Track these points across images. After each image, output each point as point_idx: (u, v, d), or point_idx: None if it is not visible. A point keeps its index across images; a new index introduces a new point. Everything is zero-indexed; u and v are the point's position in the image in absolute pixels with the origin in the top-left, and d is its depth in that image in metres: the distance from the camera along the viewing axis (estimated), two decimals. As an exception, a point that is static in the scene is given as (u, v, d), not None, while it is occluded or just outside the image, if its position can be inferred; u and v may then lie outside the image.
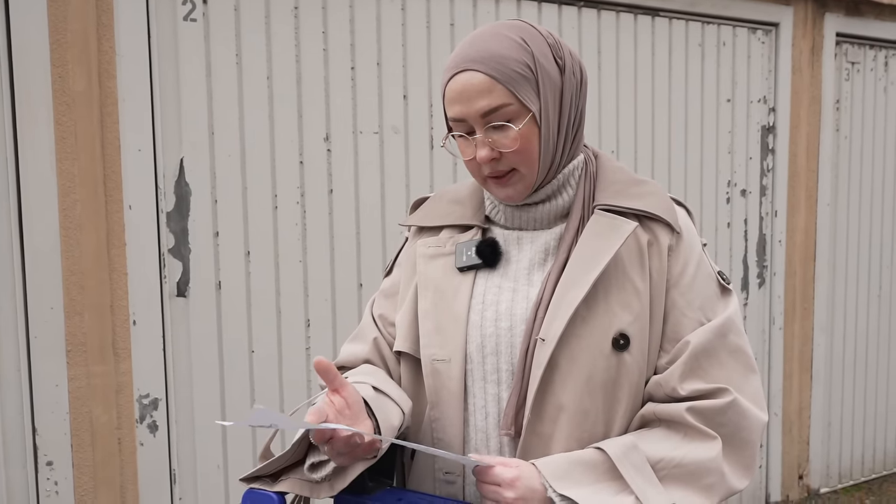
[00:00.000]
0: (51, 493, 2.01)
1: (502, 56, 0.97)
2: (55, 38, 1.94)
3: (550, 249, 1.04)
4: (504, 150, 0.98)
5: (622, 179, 1.06)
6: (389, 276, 1.17)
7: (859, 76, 3.54)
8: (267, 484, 1.01)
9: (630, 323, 0.98)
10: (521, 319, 1.01)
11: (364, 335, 1.14)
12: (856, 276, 3.61)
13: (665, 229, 1.02)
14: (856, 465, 3.73)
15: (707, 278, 1.04)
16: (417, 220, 1.14)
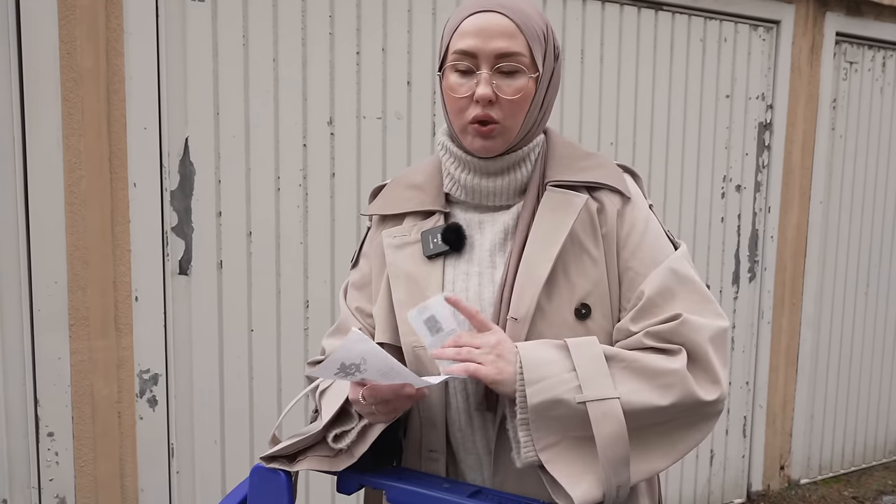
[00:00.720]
0: (51, 463, 2.04)
1: (527, 12, 1.02)
2: (64, 14, 1.94)
3: (509, 230, 1.07)
4: (504, 97, 1.00)
5: (571, 154, 1.10)
6: (357, 268, 1.19)
7: (857, 76, 3.55)
8: (284, 464, 1.04)
9: (589, 292, 1.02)
10: (489, 303, 1.05)
11: (345, 328, 1.16)
12: (844, 274, 3.65)
13: (614, 196, 1.06)
14: (836, 457, 3.79)
15: (656, 236, 1.07)
16: (378, 209, 1.16)
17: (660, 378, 0.96)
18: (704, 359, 0.99)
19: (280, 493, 1.06)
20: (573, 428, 0.94)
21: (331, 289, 2.41)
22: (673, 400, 0.96)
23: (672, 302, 1.01)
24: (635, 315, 1.02)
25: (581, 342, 0.98)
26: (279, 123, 2.27)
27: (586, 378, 0.94)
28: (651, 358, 0.97)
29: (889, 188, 3.75)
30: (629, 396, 0.94)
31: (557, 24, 2.70)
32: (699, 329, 0.99)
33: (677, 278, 1.03)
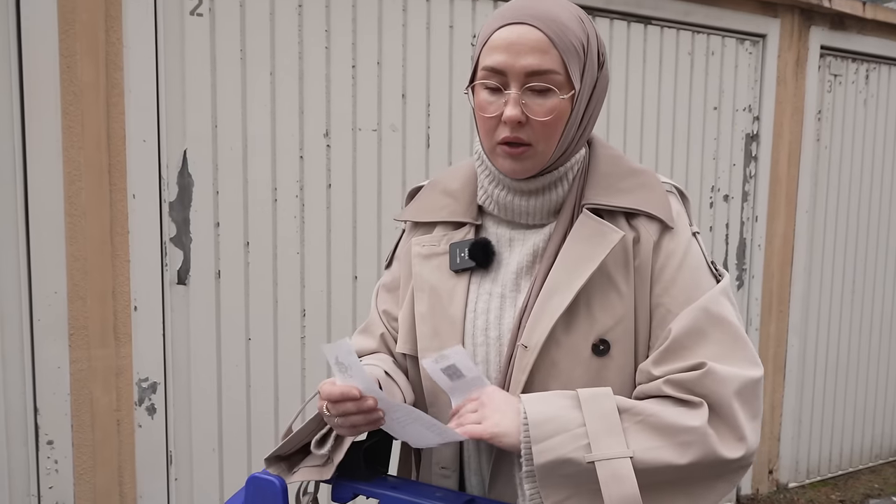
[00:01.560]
0: (51, 471, 2.03)
1: (563, 23, 0.93)
2: (64, 28, 1.95)
3: (538, 252, 1.01)
4: (534, 118, 0.93)
5: (613, 172, 1.01)
6: (390, 270, 1.17)
7: (841, 88, 3.59)
8: (284, 472, 1.04)
9: (611, 328, 0.96)
10: (507, 328, 1.00)
11: (372, 330, 1.15)
12: (830, 282, 3.68)
13: (653, 223, 0.98)
14: (823, 461, 3.82)
15: (694, 270, 0.97)
16: (411, 216, 1.12)
17: (678, 435, 0.88)
18: (728, 414, 0.90)
19: (274, 501, 1.07)
20: (583, 484, 0.88)
21: (327, 298, 2.42)
22: (692, 459, 0.88)
23: (702, 344, 0.93)
24: (658, 357, 0.94)
25: (593, 394, 0.91)
26: (276, 136, 2.29)
27: (596, 435, 0.87)
28: (669, 412, 0.90)
29: (873, 198, 3.79)
30: (643, 455, 0.87)
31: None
32: (725, 381, 0.90)
33: (709, 318, 0.94)
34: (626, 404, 0.91)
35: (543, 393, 0.94)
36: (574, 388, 0.95)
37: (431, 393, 1.05)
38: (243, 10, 2.20)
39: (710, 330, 0.94)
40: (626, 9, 2.87)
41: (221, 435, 2.28)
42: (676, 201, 1.02)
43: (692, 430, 0.89)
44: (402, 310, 1.10)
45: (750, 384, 0.92)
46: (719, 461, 0.90)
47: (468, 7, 2.56)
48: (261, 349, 2.32)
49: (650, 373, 0.95)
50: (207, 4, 2.15)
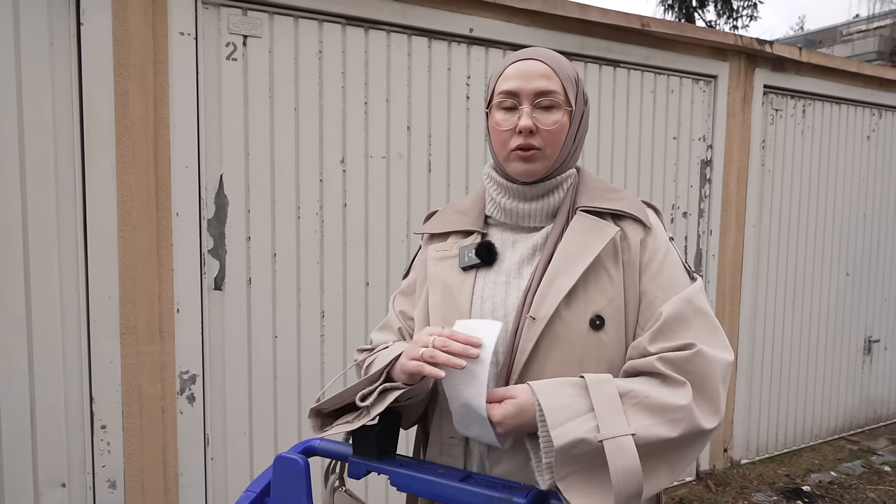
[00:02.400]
0: (104, 452, 2.02)
1: (561, 61, 1.05)
2: (119, 72, 1.96)
3: (538, 247, 1.05)
4: (543, 127, 1.01)
5: (600, 187, 1.09)
6: (407, 278, 1.19)
7: (782, 121, 3.62)
8: (317, 428, 1.04)
9: (605, 306, 0.99)
10: (513, 307, 1.02)
11: (391, 326, 1.17)
12: (775, 287, 3.69)
13: (636, 226, 1.04)
14: (771, 441, 3.81)
15: (675, 266, 1.04)
16: (429, 229, 1.16)
17: (669, 413, 0.92)
18: (712, 392, 0.95)
19: (298, 478, 1.05)
20: (589, 460, 0.90)
21: (343, 301, 2.42)
22: (681, 432, 0.92)
23: (686, 329, 0.97)
24: (653, 335, 0.98)
25: (598, 380, 0.94)
26: (299, 162, 2.30)
27: (603, 417, 0.89)
28: (659, 393, 0.93)
29: (811, 214, 3.81)
30: (642, 432, 0.90)
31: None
32: (711, 362, 0.95)
33: (692, 308, 0.99)
34: (624, 388, 0.94)
35: (554, 381, 0.95)
36: (573, 357, 0.98)
37: None
38: (272, 56, 2.22)
39: (693, 318, 0.98)
40: (598, 53, 2.89)
41: (251, 420, 2.28)
42: (653, 213, 1.09)
43: (681, 409, 0.92)
44: (417, 307, 1.12)
45: (728, 366, 0.98)
46: (700, 431, 0.94)
47: (463, 52, 2.59)
48: (286, 346, 2.32)
49: (645, 348, 0.98)
50: (241, 51, 2.17)
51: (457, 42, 2.56)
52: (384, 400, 0.99)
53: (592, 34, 2.85)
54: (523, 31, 2.66)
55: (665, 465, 0.94)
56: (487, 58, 2.64)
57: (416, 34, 2.47)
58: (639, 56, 3.00)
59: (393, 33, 2.43)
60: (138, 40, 1.98)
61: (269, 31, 2.20)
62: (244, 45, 2.17)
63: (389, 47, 2.42)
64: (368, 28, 2.38)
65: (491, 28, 2.59)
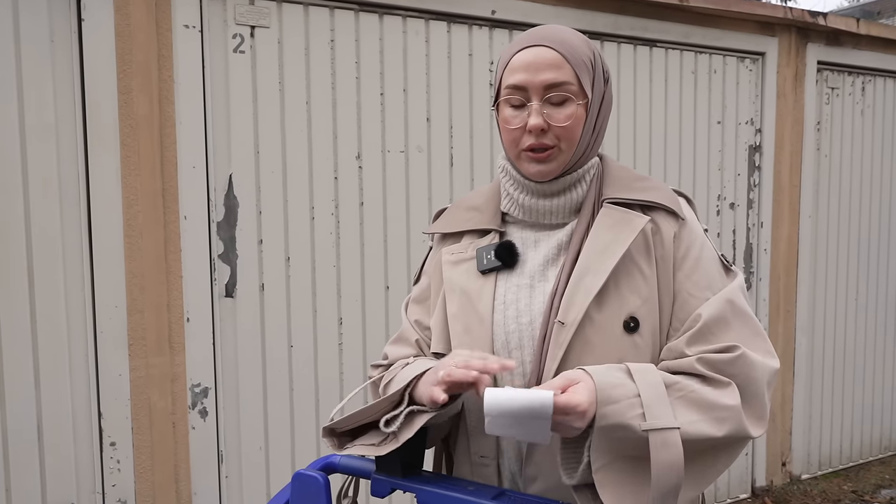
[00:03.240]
0: (113, 470, 2.04)
1: (572, 43, 0.98)
2: (122, 68, 1.98)
3: (563, 245, 1.01)
4: (555, 124, 0.96)
5: (627, 176, 1.05)
6: (418, 284, 1.16)
7: (838, 100, 3.50)
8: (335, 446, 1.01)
9: (639, 306, 0.96)
10: (539, 312, 0.99)
11: (407, 338, 1.13)
12: (835, 282, 3.57)
13: (668, 218, 1.00)
14: (834, 454, 3.68)
15: (710, 260, 1.00)
16: (440, 228, 1.12)
17: (716, 411, 0.90)
18: (757, 397, 0.93)
19: (318, 496, 1.04)
20: (626, 450, 0.88)
21: (361, 307, 2.40)
22: (726, 432, 0.90)
23: (727, 332, 0.94)
24: (691, 338, 0.95)
25: (641, 368, 0.91)
26: (312, 159, 2.29)
27: (650, 405, 0.87)
28: (706, 390, 0.91)
29: (873, 201, 3.68)
30: (688, 427, 0.87)
31: (561, 63, 2.70)
32: (756, 366, 0.93)
33: (733, 310, 0.96)
34: (670, 379, 0.91)
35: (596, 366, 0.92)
36: (609, 363, 0.94)
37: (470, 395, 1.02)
38: (281, 47, 2.21)
39: (734, 321, 0.96)
40: (633, 33, 2.83)
41: (267, 435, 2.27)
42: (685, 203, 1.05)
43: (729, 408, 0.90)
44: (434, 315, 1.09)
45: (775, 374, 0.96)
46: (744, 437, 0.92)
47: (486, 36, 2.55)
48: (302, 355, 2.31)
49: (682, 351, 0.95)
50: (249, 42, 2.17)
51: (478, 25, 2.53)
52: (412, 424, 0.96)
53: (626, 12, 2.79)
54: (550, 12, 2.61)
55: (702, 468, 0.92)
56: (511, 40, 2.59)
57: (434, 18, 2.44)
58: (677, 34, 2.93)
59: (409, 18, 2.41)
60: (141, 35, 1.99)
61: (277, 21, 2.20)
62: (252, 37, 2.17)
63: (406, 33, 2.40)
64: (383, 14, 2.36)
65: (515, 9, 2.55)
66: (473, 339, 1.01)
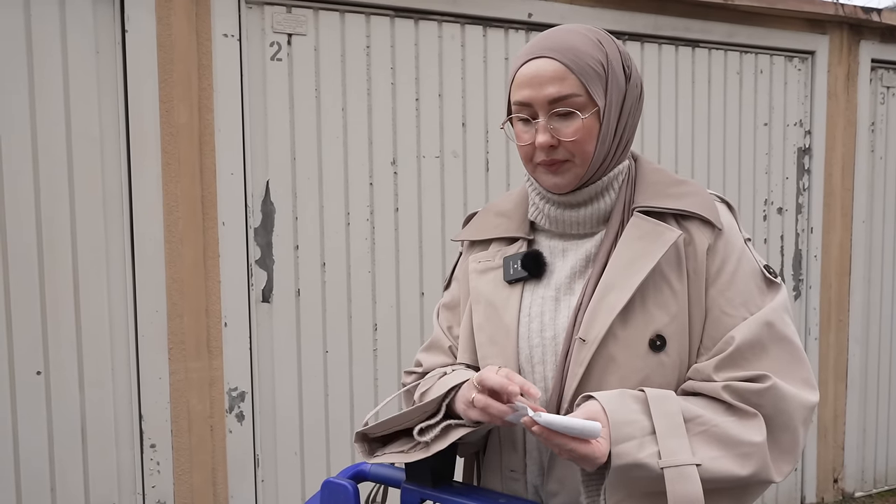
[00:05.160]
0: (153, 472, 2.08)
1: (578, 49, 0.93)
2: (163, 78, 2.02)
3: (591, 256, 0.98)
4: (564, 139, 0.93)
5: (661, 181, 0.99)
6: (449, 290, 1.15)
7: (894, 100, 3.34)
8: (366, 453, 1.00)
9: (667, 324, 0.91)
10: (563, 328, 0.96)
11: (440, 345, 1.12)
12: (891, 290, 3.41)
13: (704, 227, 0.94)
14: (891, 470, 3.50)
15: (749, 274, 0.94)
16: (468, 235, 1.10)
17: (739, 447, 0.85)
18: (789, 433, 0.87)
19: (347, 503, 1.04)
20: (644, 486, 0.84)
21: (396, 313, 2.40)
22: (751, 471, 0.85)
23: (762, 358, 0.88)
24: (720, 363, 0.89)
25: (659, 396, 0.87)
26: (348, 165, 2.30)
27: (665, 441, 0.83)
28: (730, 423, 0.86)
29: (933, 206, 3.49)
30: (709, 464, 0.83)
31: (599, 65, 2.65)
32: (788, 399, 0.87)
33: (772, 334, 0.90)
34: (691, 412, 0.86)
35: (612, 392, 0.88)
36: (631, 383, 0.90)
37: None
38: (317, 54, 2.23)
39: (772, 346, 0.90)
40: (675, 33, 2.76)
41: (303, 439, 2.28)
42: (725, 209, 0.99)
43: (754, 444, 0.85)
44: (462, 324, 1.07)
45: (811, 409, 0.90)
46: (768, 481, 0.87)
47: (522, 39, 2.52)
48: (337, 360, 2.32)
49: (710, 376, 0.90)
50: (286, 50, 2.19)
51: (514, 29, 2.50)
52: (446, 437, 0.94)
53: (667, 12, 2.72)
54: (588, 13, 2.57)
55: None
56: (549, 44, 2.56)
57: (469, 23, 2.43)
58: (721, 34, 2.84)
59: (445, 23, 2.40)
60: (182, 45, 2.04)
61: (314, 28, 2.22)
62: (289, 44, 2.19)
63: (441, 38, 2.40)
64: (419, 19, 2.36)
65: (552, 12, 2.51)
66: (499, 350, 0.99)
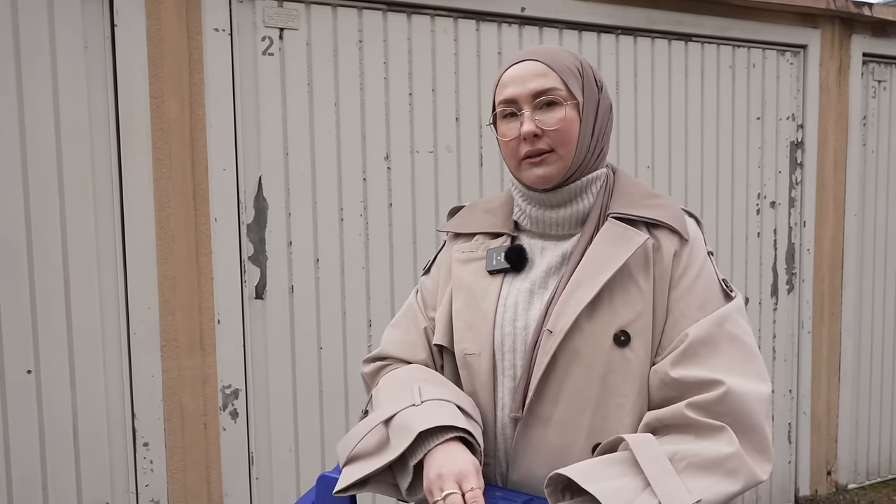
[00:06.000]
0: (147, 470, 2.06)
1: (558, 55, 1.03)
2: (153, 72, 2.01)
3: (567, 255, 1.03)
4: (547, 128, 0.99)
5: (637, 192, 1.05)
6: (428, 275, 1.19)
7: (886, 93, 3.36)
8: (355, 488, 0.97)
9: (632, 321, 0.96)
10: (533, 319, 1.01)
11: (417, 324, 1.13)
12: (883, 283, 3.43)
13: (672, 236, 1.00)
14: (883, 462, 3.53)
15: (709, 283, 1.00)
16: (454, 227, 1.16)
17: (723, 465, 0.87)
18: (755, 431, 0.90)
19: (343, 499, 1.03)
20: None
21: (391, 309, 2.39)
22: (742, 483, 0.87)
23: (714, 355, 0.93)
24: (675, 358, 0.94)
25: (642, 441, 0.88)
26: (341, 160, 2.29)
27: (662, 486, 0.83)
28: (705, 447, 0.88)
29: (924, 199, 3.51)
30: (706, 494, 0.84)
31: (592, 58, 2.65)
32: (745, 399, 0.90)
33: (723, 332, 0.95)
34: (670, 451, 0.88)
35: (591, 462, 0.88)
36: (595, 375, 0.95)
37: (468, 382, 1.05)
38: (309, 49, 2.22)
39: (724, 344, 0.95)
40: (668, 27, 2.76)
41: (297, 437, 2.27)
42: (693, 223, 1.05)
43: (732, 456, 0.88)
44: (439, 310, 1.11)
45: (766, 399, 0.93)
46: (757, 482, 0.89)
47: (515, 34, 2.52)
48: (331, 357, 2.31)
49: (666, 373, 0.95)
50: (277, 45, 2.18)
51: (507, 23, 2.49)
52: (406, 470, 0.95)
53: (660, 6, 2.72)
54: (581, 8, 2.56)
55: None
56: (542, 39, 2.56)
57: (462, 17, 2.42)
58: (713, 28, 2.85)
59: (438, 17, 2.39)
60: (172, 39, 2.02)
61: (306, 23, 2.20)
62: (280, 39, 2.18)
63: (434, 32, 2.39)
64: (411, 13, 2.35)
65: (545, 6, 2.51)
66: (475, 335, 1.04)
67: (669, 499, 0.82)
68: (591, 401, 0.96)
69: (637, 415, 0.96)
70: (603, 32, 2.67)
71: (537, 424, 0.98)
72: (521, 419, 0.99)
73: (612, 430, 0.95)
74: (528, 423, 0.98)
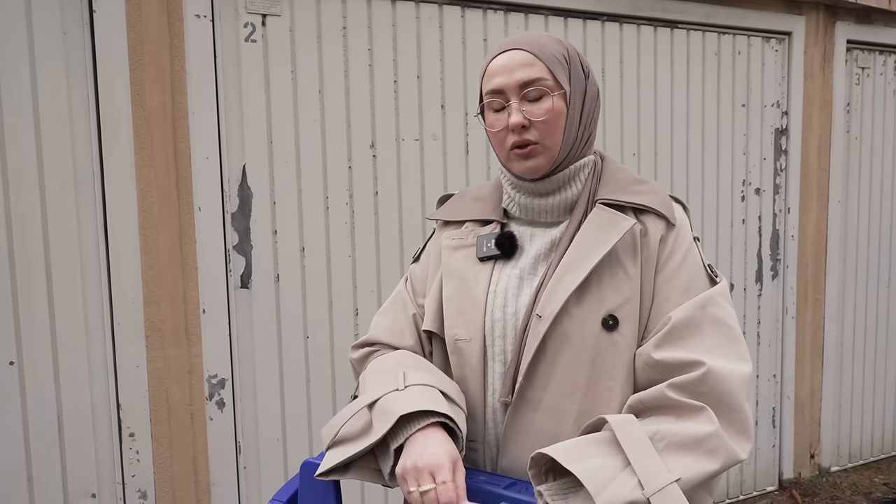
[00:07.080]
0: (133, 461, 2.06)
1: (543, 42, 1.02)
2: (134, 59, 1.98)
3: (556, 242, 1.05)
4: (535, 119, 0.99)
5: (625, 178, 1.06)
6: (418, 263, 1.19)
7: (869, 80, 3.39)
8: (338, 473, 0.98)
9: (620, 305, 0.97)
10: (523, 305, 1.02)
11: (406, 311, 1.14)
12: (865, 270, 3.47)
13: (659, 221, 1.01)
14: (865, 445, 3.59)
15: (695, 268, 1.01)
16: (444, 215, 1.16)
17: (703, 444, 0.88)
18: (735, 410, 0.91)
19: (326, 484, 1.05)
20: None
21: (377, 297, 2.39)
22: (721, 462, 0.88)
23: (697, 337, 0.94)
24: (658, 341, 0.95)
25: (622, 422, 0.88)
26: (326, 148, 2.28)
27: (642, 465, 0.84)
28: (685, 427, 0.89)
29: (906, 186, 3.56)
30: (685, 473, 0.86)
31: (578, 45, 2.65)
32: (726, 379, 0.91)
33: (706, 315, 0.96)
34: (650, 431, 0.89)
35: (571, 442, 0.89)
36: (584, 359, 0.97)
37: (458, 367, 1.06)
38: (293, 35, 2.20)
39: (706, 326, 0.96)
40: (653, 14, 2.76)
41: (284, 425, 2.28)
42: (680, 209, 1.06)
43: (712, 435, 0.88)
44: (429, 296, 1.11)
45: (747, 379, 0.94)
46: (736, 461, 0.90)
47: (501, 21, 2.51)
48: (318, 346, 2.31)
49: (650, 355, 0.96)
50: (260, 31, 2.16)
51: (493, 10, 2.49)
52: None
53: (645, -7, 2.72)
54: (567, -6, 2.56)
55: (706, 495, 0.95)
56: (527, 25, 2.55)
57: (447, 3, 2.41)
58: (699, 14, 2.85)
59: (423, 4, 2.37)
60: (153, 25, 1.99)
61: (289, 9, 2.18)
62: (263, 25, 2.15)
63: (419, 19, 2.37)
64: (395, 0, 2.33)
65: (530, -8, 2.50)
66: (466, 321, 1.04)
67: (649, 477, 0.83)
68: (580, 385, 0.97)
69: (626, 398, 0.97)
70: (588, 19, 2.67)
71: (527, 409, 0.99)
72: (510, 404, 1.00)
73: (600, 414, 0.96)
74: (517, 407, 0.99)
